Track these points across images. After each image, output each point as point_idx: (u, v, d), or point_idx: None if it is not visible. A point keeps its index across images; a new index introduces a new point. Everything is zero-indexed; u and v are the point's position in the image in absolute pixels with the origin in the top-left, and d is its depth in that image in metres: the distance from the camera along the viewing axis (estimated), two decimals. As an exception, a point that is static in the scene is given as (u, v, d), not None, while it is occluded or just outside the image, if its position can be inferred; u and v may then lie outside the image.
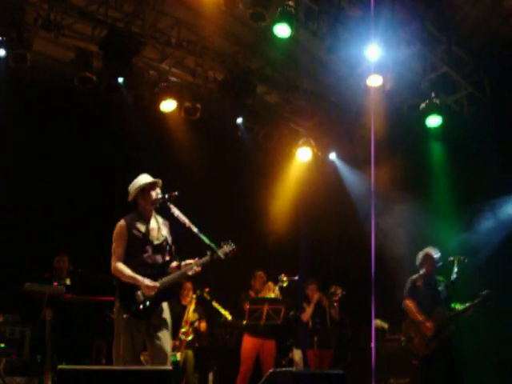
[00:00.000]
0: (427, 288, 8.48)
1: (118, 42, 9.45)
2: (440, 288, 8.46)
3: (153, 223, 6.38)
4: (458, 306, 8.16)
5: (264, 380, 5.80)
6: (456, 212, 10.53)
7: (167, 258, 6.34)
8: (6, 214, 9.68)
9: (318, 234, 12.10)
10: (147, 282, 6.03)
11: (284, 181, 12.64)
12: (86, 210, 10.26)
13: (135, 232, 6.24)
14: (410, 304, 8.46)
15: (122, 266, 6.11)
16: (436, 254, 8.57)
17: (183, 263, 6.31)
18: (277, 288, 9.70)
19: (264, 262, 10.89)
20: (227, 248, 6.34)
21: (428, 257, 8.60)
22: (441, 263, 8.59)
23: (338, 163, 12.98)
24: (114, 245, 6.25)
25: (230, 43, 10.76)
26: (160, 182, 6.44)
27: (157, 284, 6.07)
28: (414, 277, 8.61)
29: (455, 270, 8.43)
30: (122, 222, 6.29)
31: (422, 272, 8.60)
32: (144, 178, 6.42)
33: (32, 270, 9.18)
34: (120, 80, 9.87)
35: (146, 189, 6.36)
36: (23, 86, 9.70)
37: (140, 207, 6.39)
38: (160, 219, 6.47)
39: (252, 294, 10.00)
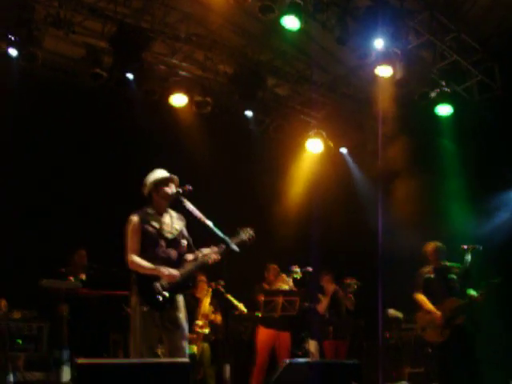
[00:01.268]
0: (438, 278, 8.51)
1: (127, 37, 9.48)
2: (452, 276, 8.48)
3: (166, 218, 6.39)
4: (472, 294, 8.19)
5: (280, 371, 5.83)
6: (467, 201, 10.51)
7: (182, 252, 6.37)
8: (22, 211, 9.78)
9: (330, 225, 12.10)
10: (167, 271, 6.07)
11: (295, 172, 12.64)
12: (100, 205, 10.30)
13: (148, 227, 6.25)
14: (419, 296, 8.52)
15: (139, 260, 6.13)
16: (440, 246, 8.64)
17: (200, 254, 6.31)
18: (290, 280, 9.71)
19: (277, 254, 10.92)
20: (243, 235, 6.35)
21: (434, 249, 8.68)
22: (444, 252, 8.64)
23: (348, 158, 13.01)
24: (128, 240, 6.24)
25: (239, 36, 10.75)
26: (176, 177, 6.44)
27: (177, 273, 6.09)
28: (424, 269, 8.65)
29: (468, 257, 8.46)
30: (134, 217, 6.29)
31: (430, 264, 8.65)
32: (159, 173, 6.43)
33: (47, 266, 9.25)
34: (130, 76, 9.89)
35: (161, 184, 6.38)
36: (34, 85, 9.75)
37: (154, 202, 6.42)
38: (174, 213, 6.48)
39: (265, 286, 10.03)
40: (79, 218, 10.14)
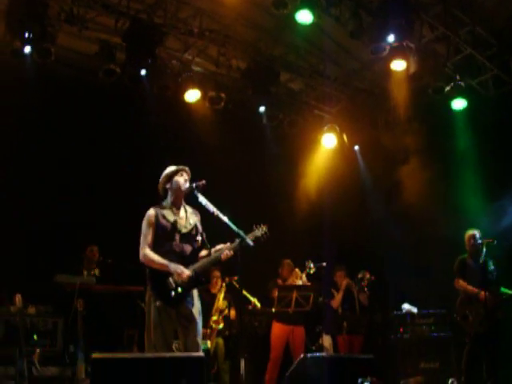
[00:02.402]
0: (476, 267, 8.62)
1: (140, 33, 9.48)
2: (491, 268, 8.62)
3: (181, 212, 6.42)
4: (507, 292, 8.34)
5: (295, 365, 5.84)
6: (482, 195, 10.47)
7: (196, 247, 6.38)
8: (36, 206, 9.81)
9: (343, 220, 12.07)
10: (179, 268, 6.08)
11: (310, 167, 12.63)
12: (114, 200, 10.33)
13: (163, 221, 6.28)
14: (460, 282, 8.63)
15: (151, 253, 6.16)
16: (475, 233, 8.76)
17: (213, 249, 6.34)
18: (304, 275, 9.71)
19: (290, 249, 10.92)
20: (258, 232, 6.36)
21: (468, 236, 8.84)
22: (477, 243, 8.72)
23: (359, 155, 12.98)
24: (142, 233, 6.31)
25: (252, 31, 10.71)
26: (186, 168, 6.48)
27: (188, 272, 6.10)
28: (462, 256, 8.78)
29: (484, 252, 8.52)
30: (150, 211, 6.35)
31: (467, 251, 8.84)
32: (170, 168, 6.49)
33: (61, 261, 9.30)
34: (143, 71, 9.89)
35: (172, 176, 6.41)
36: (48, 81, 9.77)
37: (169, 196, 6.45)
38: (189, 209, 6.51)
39: (279, 281, 10.03)
40: (94, 213, 10.15)
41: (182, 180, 6.37)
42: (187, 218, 6.42)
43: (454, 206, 10.62)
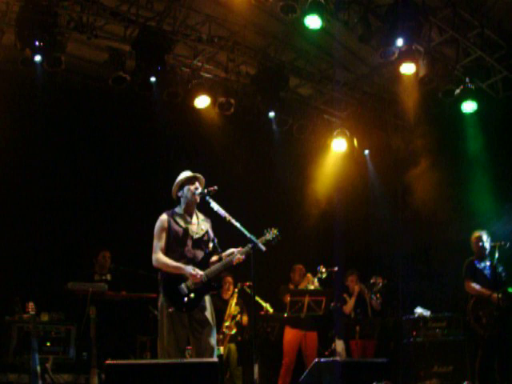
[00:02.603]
0: (484, 269, 8.61)
1: (149, 40, 9.50)
2: (500, 269, 8.60)
3: (193, 219, 6.46)
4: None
5: (309, 369, 5.83)
6: (493, 198, 10.43)
7: (207, 252, 6.39)
8: (48, 214, 9.86)
9: (354, 224, 12.07)
10: (193, 270, 6.09)
11: (320, 172, 12.62)
12: (125, 207, 10.37)
13: (175, 226, 6.32)
14: (471, 284, 8.61)
15: (164, 257, 6.20)
16: (482, 234, 8.74)
17: (224, 254, 6.35)
18: (316, 279, 9.70)
19: (301, 254, 10.92)
20: (269, 235, 6.36)
21: (475, 238, 8.91)
22: (484, 244, 8.69)
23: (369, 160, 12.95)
24: (155, 238, 6.34)
25: (261, 37, 10.73)
26: (200, 176, 6.51)
27: (202, 272, 6.12)
28: (469, 258, 8.77)
29: (496, 254, 8.50)
30: (163, 216, 6.40)
31: (474, 253, 8.86)
32: (184, 174, 6.52)
33: (74, 268, 9.33)
34: (153, 78, 9.91)
35: (185, 183, 6.44)
36: (59, 89, 9.82)
37: (182, 202, 6.48)
38: (201, 216, 6.55)
39: (291, 286, 10.03)
40: (105, 220, 10.20)
41: (193, 188, 6.39)
42: (199, 224, 6.46)
43: (464, 209, 10.59)
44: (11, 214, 9.50)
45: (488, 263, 8.76)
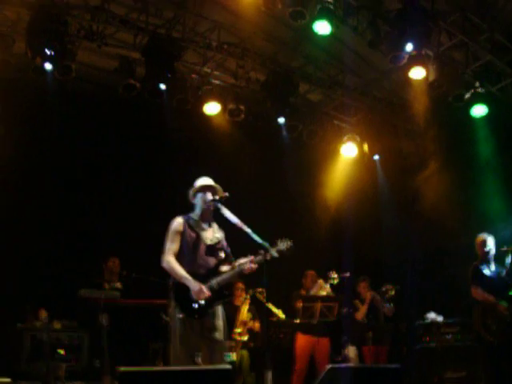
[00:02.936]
0: (490, 274, 8.55)
1: (159, 48, 9.54)
2: (503, 274, 8.52)
3: (208, 226, 6.46)
4: None
5: (323, 376, 5.80)
6: (505, 202, 10.40)
7: (220, 260, 6.38)
8: (59, 221, 9.89)
9: (365, 229, 12.05)
10: (198, 287, 6.08)
11: (330, 178, 12.61)
12: (136, 214, 10.38)
13: (190, 231, 6.33)
14: (478, 290, 8.50)
15: (174, 262, 6.19)
16: (487, 237, 8.62)
17: (237, 263, 6.35)
18: (327, 285, 9.67)
19: (312, 260, 10.90)
20: (282, 245, 6.33)
21: (480, 242, 8.76)
22: (490, 248, 8.62)
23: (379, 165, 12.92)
24: (167, 239, 6.33)
25: (270, 43, 10.76)
26: (216, 186, 6.49)
27: (208, 292, 6.10)
28: (474, 263, 8.67)
29: (509, 259, 8.44)
30: (179, 219, 6.39)
31: (479, 257, 8.74)
32: (201, 181, 6.52)
33: (85, 275, 9.33)
34: (163, 86, 9.94)
35: (200, 191, 6.45)
36: (69, 97, 9.87)
37: (196, 209, 6.48)
38: (215, 225, 6.55)
39: (303, 292, 10.01)
40: (117, 227, 10.21)
41: (205, 197, 6.39)
42: (214, 231, 6.47)
43: (476, 213, 10.55)
44: (22, 222, 9.54)
45: (494, 268, 8.68)
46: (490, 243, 8.74)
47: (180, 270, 6.14)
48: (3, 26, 9.17)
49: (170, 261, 6.20)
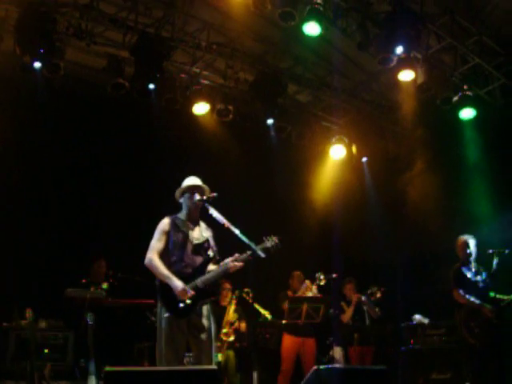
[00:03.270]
0: (472, 276, 8.54)
1: (148, 47, 9.52)
2: (484, 276, 8.51)
3: (195, 225, 6.46)
4: (501, 297, 8.21)
5: (308, 377, 5.82)
6: (492, 205, 10.44)
7: (207, 259, 6.38)
8: (46, 221, 9.84)
9: (352, 231, 12.06)
10: (181, 286, 6.06)
11: (318, 179, 12.63)
12: (123, 215, 10.33)
13: (176, 230, 6.32)
14: (460, 293, 8.49)
15: (157, 261, 6.19)
16: (468, 239, 8.63)
17: (222, 262, 6.34)
18: (314, 287, 9.68)
19: (299, 261, 10.90)
20: (268, 243, 6.33)
21: (461, 243, 8.78)
22: (471, 250, 8.64)
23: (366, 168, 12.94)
24: (154, 238, 6.35)
25: (259, 44, 10.76)
26: (204, 187, 6.49)
27: (191, 291, 6.08)
28: (456, 265, 8.66)
29: (495, 262, 8.44)
30: (165, 219, 6.42)
31: (460, 259, 8.72)
32: (188, 181, 6.52)
33: (72, 275, 9.30)
34: (151, 85, 9.92)
35: (187, 191, 6.44)
36: (58, 95, 9.82)
37: (183, 208, 6.48)
38: (203, 224, 6.55)
39: (290, 293, 10.01)
40: (102, 228, 10.18)
41: (194, 197, 6.39)
42: (200, 231, 6.46)
43: (463, 216, 10.59)
44: (9, 221, 9.47)
45: (475, 270, 8.68)
46: (472, 245, 8.75)
47: (162, 269, 6.14)
48: (-9, 23, 9.13)
49: (153, 259, 6.21)
